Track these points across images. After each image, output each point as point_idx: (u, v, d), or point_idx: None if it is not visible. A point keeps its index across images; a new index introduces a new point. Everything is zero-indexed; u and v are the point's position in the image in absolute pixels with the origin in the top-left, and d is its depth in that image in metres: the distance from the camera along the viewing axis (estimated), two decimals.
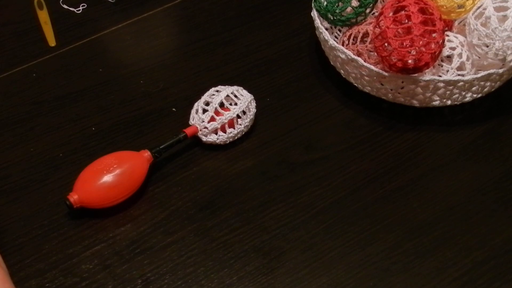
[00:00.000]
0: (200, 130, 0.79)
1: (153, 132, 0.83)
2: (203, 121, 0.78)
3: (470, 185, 0.78)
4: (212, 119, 0.79)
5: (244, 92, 0.81)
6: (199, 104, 0.80)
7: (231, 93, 0.80)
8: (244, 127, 0.81)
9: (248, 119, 0.81)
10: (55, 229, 0.72)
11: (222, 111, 0.79)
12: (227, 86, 0.81)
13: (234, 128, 0.80)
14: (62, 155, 0.80)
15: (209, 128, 0.78)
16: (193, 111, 0.80)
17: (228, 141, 0.80)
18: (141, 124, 0.84)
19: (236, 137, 0.81)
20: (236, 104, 0.80)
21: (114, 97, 0.87)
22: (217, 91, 0.80)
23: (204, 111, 0.79)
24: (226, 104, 0.79)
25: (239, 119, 0.80)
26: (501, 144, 0.82)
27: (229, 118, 0.79)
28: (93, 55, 0.92)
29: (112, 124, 0.84)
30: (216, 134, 0.79)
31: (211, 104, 0.79)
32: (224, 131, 0.79)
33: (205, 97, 0.80)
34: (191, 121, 0.80)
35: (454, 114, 0.86)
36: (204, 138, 0.79)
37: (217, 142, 0.80)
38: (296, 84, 0.89)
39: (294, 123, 0.84)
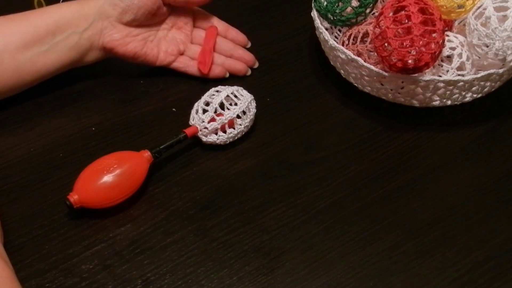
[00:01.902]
0: (200, 131, 0.79)
1: (153, 132, 0.83)
2: (203, 121, 0.78)
3: (470, 185, 0.78)
4: (212, 119, 0.79)
5: (244, 92, 0.81)
6: (199, 105, 0.80)
7: (231, 93, 0.80)
8: (244, 127, 0.81)
9: (248, 119, 0.81)
10: (55, 229, 0.72)
11: (222, 112, 0.79)
12: (227, 86, 0.81)
13: (234, 128, 0.80)
14: (62, 155, 0.80)
15: (209, 129, 0.78)
16: (193, 111, 0.80)
17: (228, 141, 0.80)
18: (141, 124, 0.84)
19: (236, 137, 0.81)
20: (236, 104, 0.80)
21: (114, 97, 0.87)
22: (217, 91, 0.80)
23: (204, 111, 0.79)
24: (226, 104, 0.79)
25: (239, 119, 0.80)
26: (501, 144, 0.83)
27: (229, 118, 0.79)
28: None
29: (112, 124, 0.84)
30: (216, 134, 0.79)
31: (211, 105, 0.79)
32: (224, 131, 0.79)
33: (205, 97, 0.80)
34: (191, 121, 0.80)
35: (454, 114, 0.86)
36: (204, 139, 0.79)
37: (217, 142, 0.80)
38: (296, 84, 0.90)
39: (294, 123, 0.84)
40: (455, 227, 0.74)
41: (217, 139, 0.79)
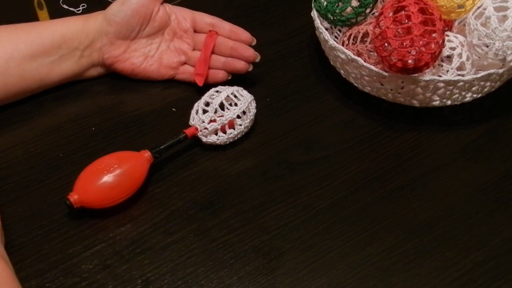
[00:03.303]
0: (200, 131, 0.79)
1: (153, 132, 0.83)
2: (203, 122, 0.78)
3: (470, 185, 0.78)
4: (212, 120, 0.79)
5: (244, 92, 0.81)
6: (199, 105, 0.80)
7: (231, 93, 0.80)
8: (244, 127, 0.81)
9: (248, 120, 0.81)
10: (55, 229, 0.72)
11: (222, 112, 0.79)
12: (227, 87, 0.81)
13: (234, 129, 0.80)
14: (62, 155, 0.80)
15: (209, 129, 0.78)
16: (193, 111, 0.80)
17: (228, 142, 0.80)
18: (141, 124, 0.84)
19: (236, 138, 0.81)
20: (236, 104, 0.80)
21: (114, 97, 0.87)
22: (217, 91, 0.80)
23: (204, 111, 0.79)
24: (226, 104, 0.79)
25: (239, 120, 0.80)
26: (501, 144, 0.83)
27: (229, 119, 0.79)
28: None
29: (112, 124, 0.84)
30: (216, 135, 0.79)
31: (211, 105, 0.79)
32: (224, 132, 0.79)
33: (205, 98, 0.80)
34: (191, 122, 0.80)
35: (454, 114, 0.86)
36: (204, 139, 0.79)
37: (217, 142, 0.80)
38: (296, 84, 0.90)
39: (294, 123, 0.84)
40: (455, 227, 0.74)
41: (217, 139, 0.79)
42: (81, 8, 1.00)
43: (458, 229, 0.73)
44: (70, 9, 1.00)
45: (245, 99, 0.80)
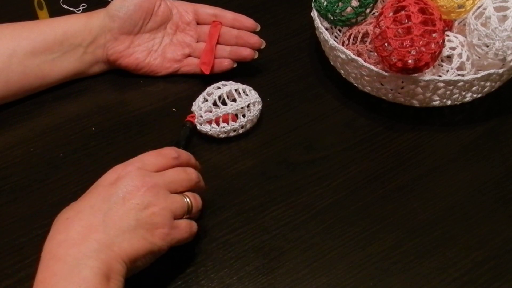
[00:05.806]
0: (197, 118, 0.79)
1: (153, 132, 0.83)
2: (201, 109, 0.79)
3: (470, 185, 0.78)
4: (209, 110, 0.79)
5: (252, 92, 0.81)
6: (203, 93, 0.80)
7: (235, 89, 0.80)
8: (239, 125, 0.81)
9: (246, 119, 0.80)
10: None
11: (220, 105, 0.79)
12: (237, 83, 0.81)
13: (228, 124, 0.80)
14: (62, 155, 0.80)
15: (204, 118, 0.79)
16: (197, 98, 0.81)
17: (222, 136, 0.80)
18: (141, 124, 0.84)
19: (230, 134, 0.81)
20: (235, 100, 0.80)
21: (114, 96, 0.87)
22: (224, 84, 0.81)
23: (205, 100, 0.80)
24: (226, 99, 0.79)
25: (236, 117, 0.80)
26: (501, 144, 0.83)
27: (223, 112, 0.79)
28: None
29: (112, 124, 0.84)
30: (210, 125, 0.79)
31: (211, 95, 0.79)
32: (218, 124, 0.79)
33: (210, 88, 0.81)
34: (192, 108, 0.81)
35: (454, 114, 0.86)
36: (199, 126, 0.80)
37: (209, 133, 0.80)
38: (296, 84, 0.90)
39: (294, 123, 0.84)
40: (455, 227, 0.74)
41: (210, 130, 0.80)
42: (81, 8, 1.00)
43: (458, 229, 0.73)
44: (70, 9, 1.00)
45: (247, 99, 0.80)
